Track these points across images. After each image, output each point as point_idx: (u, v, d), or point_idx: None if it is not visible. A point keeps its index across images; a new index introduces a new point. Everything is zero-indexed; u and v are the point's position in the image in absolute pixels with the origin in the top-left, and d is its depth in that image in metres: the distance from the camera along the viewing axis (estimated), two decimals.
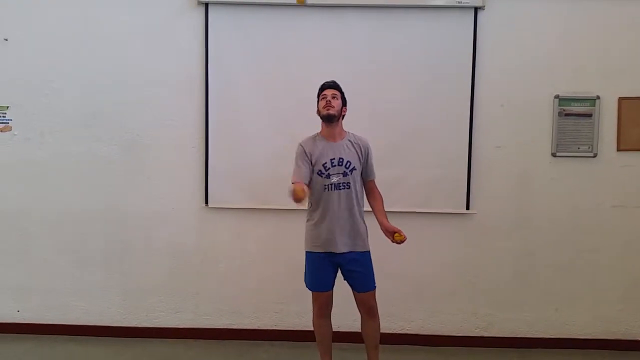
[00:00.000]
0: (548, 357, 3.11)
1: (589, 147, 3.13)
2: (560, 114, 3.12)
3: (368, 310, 2.57)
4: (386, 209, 2.67)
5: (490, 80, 3.13)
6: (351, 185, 2.50)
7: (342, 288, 2.60)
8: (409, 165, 3.13)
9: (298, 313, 3.26)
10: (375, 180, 2.67)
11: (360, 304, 2.58)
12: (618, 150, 3.13)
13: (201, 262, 3.29)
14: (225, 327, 3.30)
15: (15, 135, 3.27)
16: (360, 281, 2.53)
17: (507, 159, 3.16)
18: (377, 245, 2.60)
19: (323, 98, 2.53)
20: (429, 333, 3.23)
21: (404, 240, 2.49)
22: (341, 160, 2.49)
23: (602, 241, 3.17)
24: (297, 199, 2.28)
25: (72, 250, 3.31)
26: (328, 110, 2.48)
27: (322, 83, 2.60)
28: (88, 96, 3.24)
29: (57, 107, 3.25)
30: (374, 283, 2.56)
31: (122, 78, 3.23)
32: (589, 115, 3.12)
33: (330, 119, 2.50)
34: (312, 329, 2.67)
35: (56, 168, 3.27)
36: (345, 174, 2.49)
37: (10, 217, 3.30)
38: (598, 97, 3.11)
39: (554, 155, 3.15)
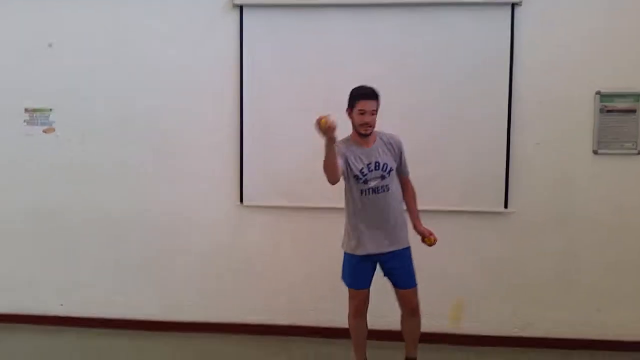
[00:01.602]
0: (589, 359, 3.04)
1: (633, 144, 3.04)
2: (601, 110, 3.04)
3: (410, 308, 2.54)
4: (422, 208, 2.67)
5: (528, 76, 3.07)
6: (390, 187, 2.47)
7: (377, 285, 2.59)
8: (445, 163, 3.10)
9: (333, 310, 3.24)
10: (410, 177, 2.65)
11: (401, 301, 2.56)
12: None
13: (236, 259, 3.34)
14: (260, 323, 3.33)
15: (58, 136, 3.39)
16: (402, 278, 2.52)
17: (547, 157, 3.10)
18: (414, 244, 2.59)
19: (361, 113, 2.40)
20: (467, 333, 3.19)
21: (434, 243, 2.51)
22: (377, 164, 2.45)
23: None
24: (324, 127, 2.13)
25: (113, 248, 3.41)
26: (366, 131, 2.41)
27: (359, 86, 2.45)
28: (125, 100, 3.33)
29: (96, 111, 3.35)
30: (415, 280, 2.54)
31: (158, 81, 3.30)
32: (633, 111, 3.03)
33: (366, 137, 2.46)
34: (346, 326, 2.68)
35: (97, 169, 3.38)
36: (383, 177, 2.45)
37: (56, 215, 3.42)
38: None
39: (595, 152, 3.07)
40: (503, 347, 3.16)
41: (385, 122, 2.60)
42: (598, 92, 3.04)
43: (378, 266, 2.58)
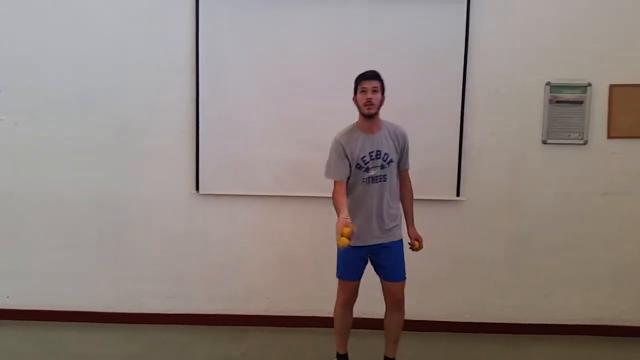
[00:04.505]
0: (537, 343, 3.14)
1: (579, 135, 3.13)
2: (551, 101, 3.12)
3: (395, 301, 2.53)
4: None
5: (482, 66, 3.11)
6: (387, 177, 2.44)
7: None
8: None
9: (289, 298, 3.28)
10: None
11: (387, 295, 2.54)
12: (608, 137, 3.13)
13: (193, 248, 3.29)
14: (216, 312, 3.31)
15: (1, 120, 3.23)
16: (390, 270, 2.50)
17: (498, 146, 3.16)
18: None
19: (363, 92, 2.38)
20: (418, 318, 3.24)
21: (418, 250, 2.60)
22: (379, 153, 2.42)
23: (591, 228, 3.18)
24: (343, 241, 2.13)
25: (64, 236, 3.29)
26: (369, 109, 2.37)
27: (361, 72, 2.43)
28: (78, 80, 3.20)
29: (47, 90, 3.20)
30: (404, 274, 2.53)
31: (113, 61, 3.19)
32: (580, 103, 3.12)
33: (371, 117, 2.42)
34: (307, 314, 2.65)
35: (46, 152, 3.24)
36: (382, 167, 2.43)
37: (2, 201, 3.28)
38: (589, 84, 3.11)
39: (544, 142, 3.15)
40: (454, 332, 3.24)
41: (346, 111, 2.56)
42: (548, 83, 3.12)
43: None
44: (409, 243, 2.58)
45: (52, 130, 3.23)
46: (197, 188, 3.23)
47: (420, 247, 2.58)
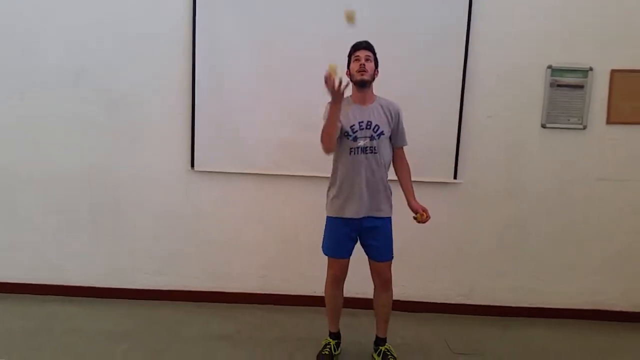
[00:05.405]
0: (530, 326, 3.16)
1: (578, 119, 3.11)
2: (552, 84, 3.09)
3: (383, 281, 2.52)
4: None
5: (483, 49, 3.07)
6: (377, 149, 2.41)
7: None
8: None
9: (283, 277, 3.28)
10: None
11: (375, 274, 2.54)
12: (607, 123, 3.12)
13: (188, 226, 3.28)
14: (211, 289, 3.31)
15: None
16: (379, 250, 2.49)
17: (497, 129, 3.14)
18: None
19: (356, 60, 2.41)
20: (414, 300, 3.27)
21: (426, 221, 2.49)
22: (369, 123, 2.41)
23: (587, 213, 3.19)
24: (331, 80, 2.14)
25: (58, 211, 3.27)
26: (362, 75, 2.38)
27: (354, 43, 2.46)
28: (72, 54, 3.14)
29: (40, 65, 3.15)
30: (392, 253, 2.52)
31: (108, 36, 3.13)
32: (581, 87, 3.09)
33: (364, 85, 2.40)
34: (298, 293, 2.65)
35: (40, 128, 3.20)
36: (372, 138, 2.40)
37: None
38: (591, 69, 3.08)
39: (543, 126, 3.13)
40: (448, 314, 3.26)
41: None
42: (549, 66, 3.08)
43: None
44: (414, 217, 2.50)
45: (46, 105, 3.18)
46: (193, 165, 3.20)
47: (428, 217, 2.50)
